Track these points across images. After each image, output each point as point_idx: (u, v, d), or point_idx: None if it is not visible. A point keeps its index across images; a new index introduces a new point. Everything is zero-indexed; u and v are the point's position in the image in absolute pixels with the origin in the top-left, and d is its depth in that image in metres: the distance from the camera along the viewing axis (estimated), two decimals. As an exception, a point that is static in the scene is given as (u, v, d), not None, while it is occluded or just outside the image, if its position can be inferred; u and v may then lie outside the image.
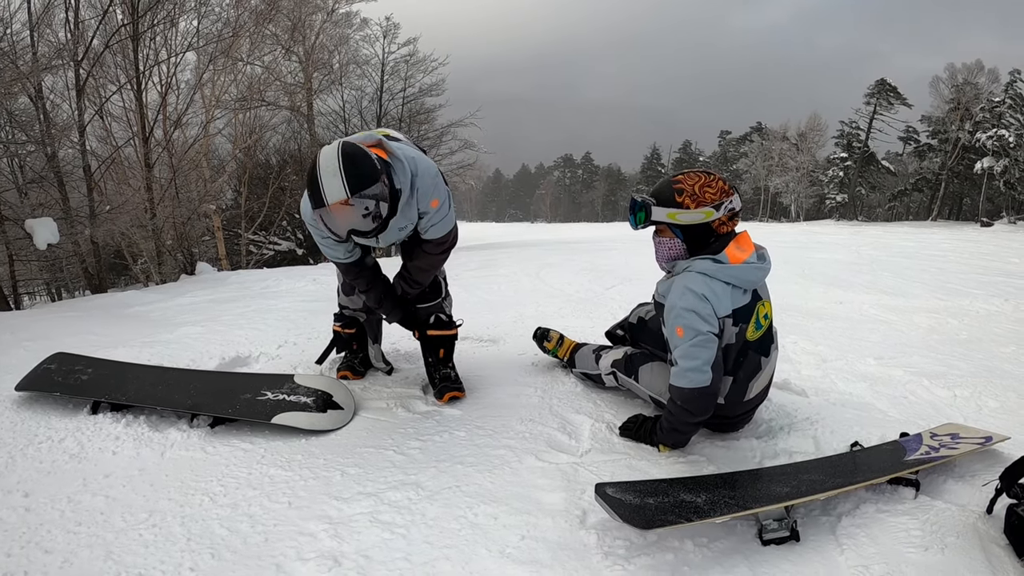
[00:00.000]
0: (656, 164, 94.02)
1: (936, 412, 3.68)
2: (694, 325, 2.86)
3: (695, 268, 2.96)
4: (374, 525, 2.45)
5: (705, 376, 2.84)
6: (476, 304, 6.43)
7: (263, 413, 3.30)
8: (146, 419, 3.36)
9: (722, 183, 3.02)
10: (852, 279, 9.16)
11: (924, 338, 5.44)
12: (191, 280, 11.74)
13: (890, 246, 16.34)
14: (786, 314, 5.81)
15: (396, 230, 3.36)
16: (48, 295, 19.67)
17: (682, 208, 2.97)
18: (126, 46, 14.26)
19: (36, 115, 12.54)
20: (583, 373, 3.89)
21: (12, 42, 11.63)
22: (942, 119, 51.36)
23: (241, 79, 19.59)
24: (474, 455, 2.99)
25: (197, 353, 4.52)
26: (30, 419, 3.38)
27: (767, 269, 3.06)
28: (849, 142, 57.39)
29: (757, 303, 3.06)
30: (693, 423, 2.96)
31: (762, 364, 3.11)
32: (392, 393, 3.85)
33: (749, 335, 3.02)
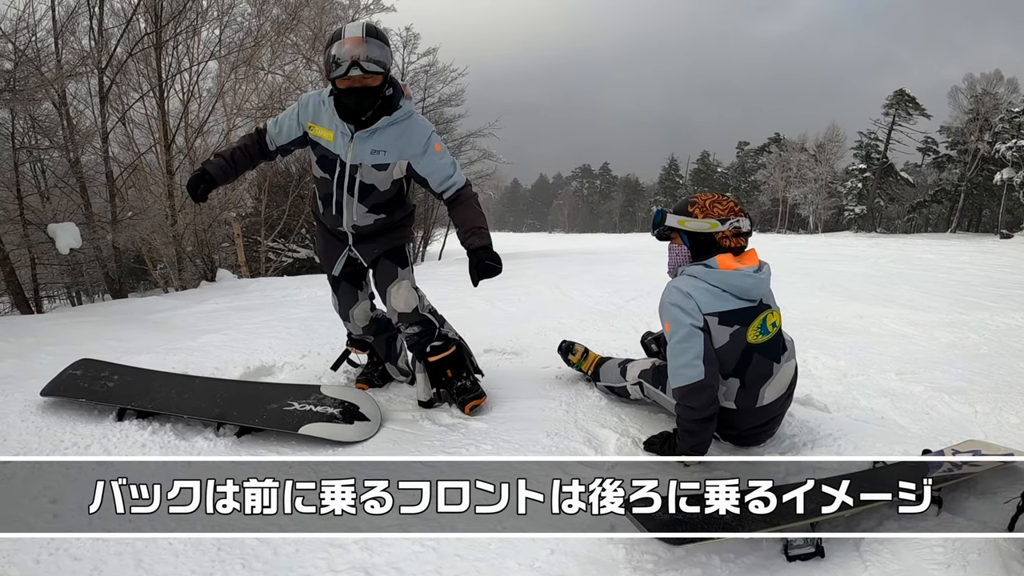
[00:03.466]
0: (674, 175, 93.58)
1: (957, 428, 3.67)
2: (678, 318, 3.08)
3: (686, 271, 3.22)
4: (404, 538, 2.46)
5: (697, 370, 2.98)
6: (497, 315, 6.44)
7: (290, 423, 3.32)
8: (172, 427, 3.39)
9: (733, 204, 3.28)
10: (872, 292, 9.10)
11: (945, 353, 5.40)
12: (212, 287, 11.81)
13: (909, 259, 16.28)
14: (807, 328, 5.79)
15: (370, 152, 3.55)
16: (68, 299, 19.83)
17: (691, 217, 3.24)
18: (149, 54, 14.39)
19: (59, 121, 12.67)
20: (607, 387, 3.91)
21: (36, 49, 11.75)
22: (961, 130, 51.02)
23: (262, 88, 19.70)
24: (501, 468, 3.00)
25: (221, 362, 4.54)
26: (55, 424, 3.41)
27: (761, 279, 3.18)
28: (868, 153, 57.08)
29: (764, 311, 3.19)
30: (699, 420, 3.01)
31: (773, 370, 3.19)
32: (417, 405, 3.86)
33: (750, 338, 3.13)
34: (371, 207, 3.71)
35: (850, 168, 57.94)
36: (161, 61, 14.50)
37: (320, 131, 3.61)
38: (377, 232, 3.81)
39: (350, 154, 3.55)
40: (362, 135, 3.50)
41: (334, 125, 3.56)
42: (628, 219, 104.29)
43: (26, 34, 11.42)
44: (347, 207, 3.69)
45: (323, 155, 3.64)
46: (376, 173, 3.59)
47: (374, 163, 3.56)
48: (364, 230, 3.78)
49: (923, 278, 11.08)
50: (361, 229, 3.78)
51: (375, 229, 3.79)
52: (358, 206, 3.68)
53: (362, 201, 3.67)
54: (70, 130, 12.63)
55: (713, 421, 3.07)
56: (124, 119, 14.94)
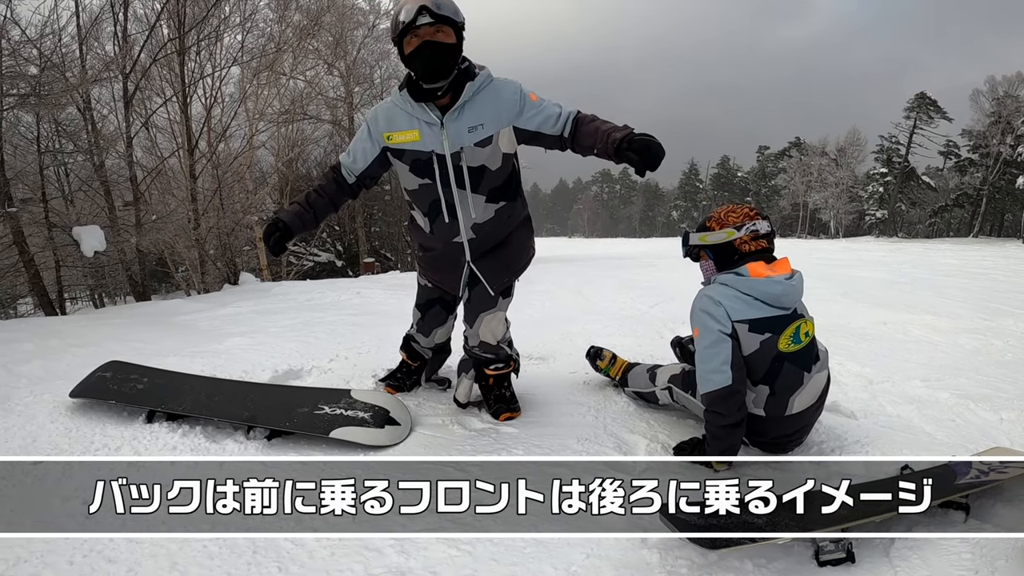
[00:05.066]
0: (694, 180, 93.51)
1: (983, 435, 3.66)
2: (707, 324, 3.10)
3: (718, 279, 3.23)
4: (440, 541, 2.47)
5: (724, 376, 3.00)
6: (521, 320, 6.37)
7: (321, 427, 3.33)
8: (202, 429, 3.40)
9: (747, 209, 3.35)
10: (895, 298, 9.05)
11: (969, 359, 5.37)
12: (235, 290, 11.87)
13: (932, 264, 16.18)
14: (832, 335, 5.76)
15: (467, 130, 3.22)
16: (91, 301, 20.02)
17: (709, 231, 3.32)
18: (172, 60, 14.52)
19: (84, 125, 12.79)
20: (636, 392, 3.92)
21: (61, 54, 11.86)
22: (983, 133, 50.71)
23: (284, 93, 19.85)
24: (534, 473, 2.99)
25: (249, 365, 4.57)
26: (85, 426, 3.43)
27: (792, 285, 3.17)
28: (889, 157, 56.93)
29: (798, 320, 3.18)
30: (726, 425, 3.03)
31: (804, 379, 3.17)
32: (448, 410, 3.87)
33: (781, 346, 3.12)
34: (488, 194, 3.36)
35: (871, 172, 57.78)
36: (184, 67, 14.64)
37: (401, 137, 3.31)
38: (498, 231, 3.51)
39: (446, 142, 3.22)
40: (451, 116, 3.19)
41: (415, 121, 3.25)
42: (648, 224, 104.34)
43: (51, 39, 11.53)
44: (461, 205, 3.34)
45: (414, 160, 3.31)
46: (481, 151, 3.25)
47: (476, 140, 3.23)
48: (486, 230, 3.45)
49: (946, 283, 11.01)
50: (482, 229, 3.44)
51: (498, 226, 3.48)
52: (474, 197, 3.33)
53: (476, 190, 3.33)
54: (94, 134, 12.73)
55: (741, 427, 3.08)
56: (148, 124, 15.07)
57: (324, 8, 19.60)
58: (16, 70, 10.45)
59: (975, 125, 51.83)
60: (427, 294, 3.92)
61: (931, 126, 56.31)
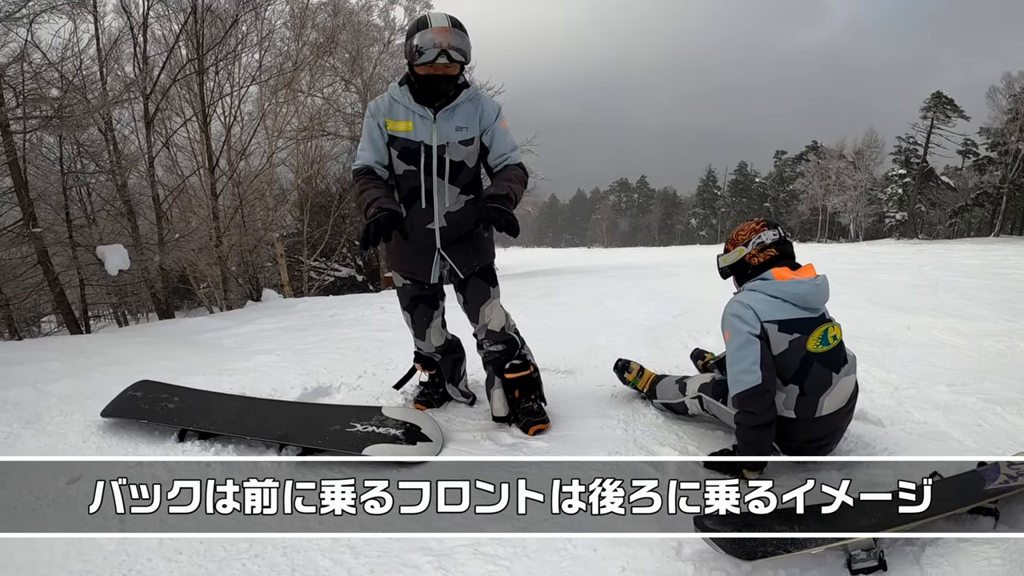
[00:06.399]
0: (712, 187, 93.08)
1: (1011, 440, 3.67)
2: (736, 327, 3.21)
3: (747, 286, 3.41)
4: (477, 557, 2.49)
5: (755, 376, 3.10)
6: (544, 332, 6.40)
7: (353, 445, 3.35)
8: (235, 448, 3.43)
9: (754, 224, 3.54)
10: (918, 302, 8.97)
11: (994, 363, 5.37)
12: (258, 307, 11.96)
13: (953, 265, 16.01)
14: (857, 341, 5.72)
15: (455, 128, 3.57)
16: (115, 318, 20.19)
17: (726, 253, 3.59)
18: (191, 80, 14.69)
19: (105, 146, 12.95)
20: (664, 404, 3.94)
21: (83, 76, 12.02)
22: (1001, 130, 50.21)
23: (302, 110, 20.02)
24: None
25: (277, 382, 4.59)
26: (117, 445, 3.47)
27: (817, 284, 3.29)
28: (907, 158, 56.44)
29: (825, 324, 3.27)
30: (757, 426, 3.11)
31: (832, 380, 3.22)
32: (477, 425, 3.91)
33: (810, 346, 3.19)
34: (462, 187, 3.68)
35: (890, 174, 57.34)
36: (203, 86, 14.81)
37: (396, 125, 3.59)
38: (465, 226, 3.72)
39: (435, 135, 3.55)
40: (444, 114, 3.54)
41: (410, 114, 3.56)
42: (667, 232, 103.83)
43: (72, 62, 11.70)
44: (438, 193, 3.63)
45: (404, 147, 3.59)
46: (463, 149, 3.60)
47: (461, 139, 3.58)
48: (456, 219, 3.69)
49: (968, 285, 10.90)
50: (453, 217, 3.69)
51: (466, 216, 3.69)
52: (450, 188, 3.64)
53: (453, 182, 3.64)
54: (116, 155, 12.90)
55: (771, 428, 3.12)
56: (168, 143, 15.24)
57: (340, 26, 19.76)
58: (38, 93, 10.64)
59: (993, 123, 51.22)
60: (407, 294, 4.00)
61: (948, 125, 55.76)
